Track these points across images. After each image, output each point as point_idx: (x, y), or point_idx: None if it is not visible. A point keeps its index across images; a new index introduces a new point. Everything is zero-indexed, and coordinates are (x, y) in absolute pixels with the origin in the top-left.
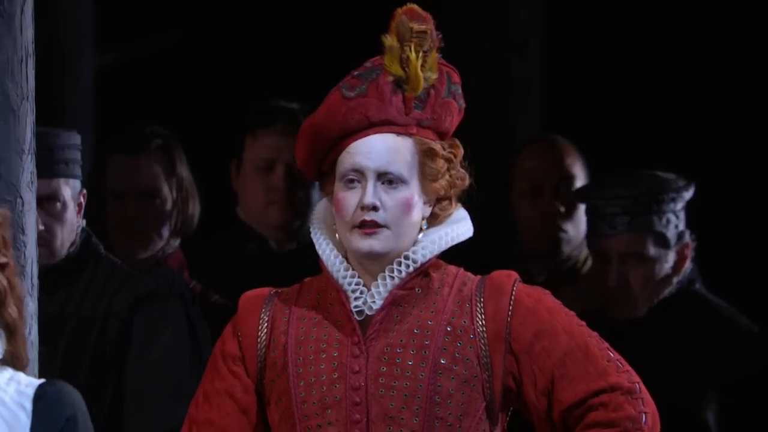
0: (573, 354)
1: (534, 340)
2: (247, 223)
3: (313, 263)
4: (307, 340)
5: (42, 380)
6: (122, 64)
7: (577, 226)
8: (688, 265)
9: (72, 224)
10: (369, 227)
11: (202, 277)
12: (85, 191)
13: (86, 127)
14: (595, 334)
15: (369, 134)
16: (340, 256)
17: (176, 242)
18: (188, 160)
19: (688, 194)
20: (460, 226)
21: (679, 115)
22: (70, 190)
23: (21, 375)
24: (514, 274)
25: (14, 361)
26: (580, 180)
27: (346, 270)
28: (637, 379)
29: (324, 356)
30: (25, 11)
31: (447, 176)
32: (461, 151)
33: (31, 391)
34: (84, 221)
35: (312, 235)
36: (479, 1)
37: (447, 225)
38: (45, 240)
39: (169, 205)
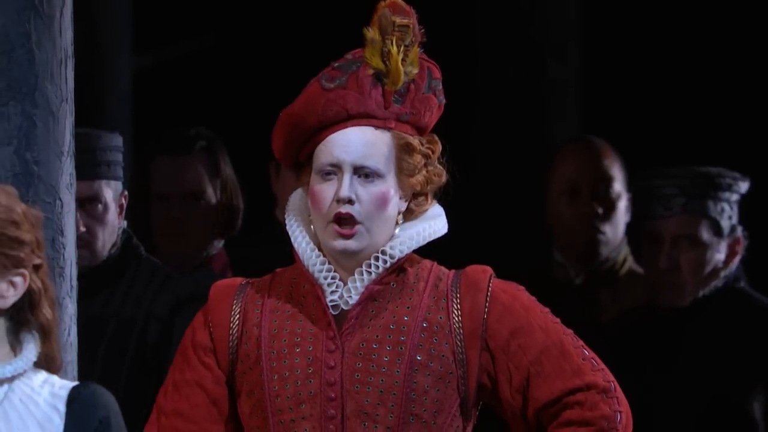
0: (549, 352)
1: (510, 337)
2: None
3: None
4: (281, 333)
5: (76, 383)
6: (160, 66)
7: (615, 227)
8: (737, 261)
9: (113, 226)
10: (345, 225)
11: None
12: (126, 193)
13: (124, 129)
14: (569, 331)
15: (347, 127)
16: (316, 249)
17: (220, 243)
18: None
19: (744, 186)
20: (436, 223)
21: (719, 117)
22: (111, 191)
23: (55, 378)
24: (489, 270)
25: (48, 363)
26: (617, 181)
27: (322, 264)
28: (611, 378)
29: (298, 350)
30: (65, 13)
31: (424, 172)
32: (439, 147)
33: (64, 394)
34: (125, 222)
35: (287, 225)
36: (516, 3)
37: (423, 221)
38: (86, 241)
39: (213, 207)
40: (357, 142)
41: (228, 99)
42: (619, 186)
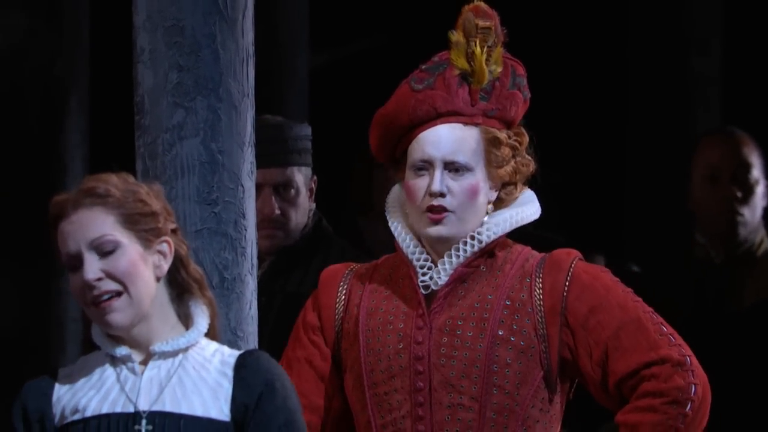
0: (626, 328)
1: (589, 314)
2: None
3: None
4: (376, 312)
5: (243, 350)
6: (335, 64)
7: (753, 210)
8: None
9: (305, 208)
10: (437, 212)
11: None
12: (315, 177)
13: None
14: (649, 309)
15: (437, 124)
16: (411, 235)
17: None
18: None
19: None
20: (526, 209)
21: None
22: (302, 176)
23: (225, 348)
24: (575, 252)
25: (212, 312)
26: (756, 168)
27: (416, 247)
28: (688, 352)
29: (391, 327)
30: (247, 16)
31: (512, 163)
32: (526, 139)
33: (232, 361)
34: (314, 205)
35: (387, 216)
36: (665, 3)
37: (513, 207)
38: (281, 223)
39: None
40: (447, 139)
41: None
42: (757, 172)
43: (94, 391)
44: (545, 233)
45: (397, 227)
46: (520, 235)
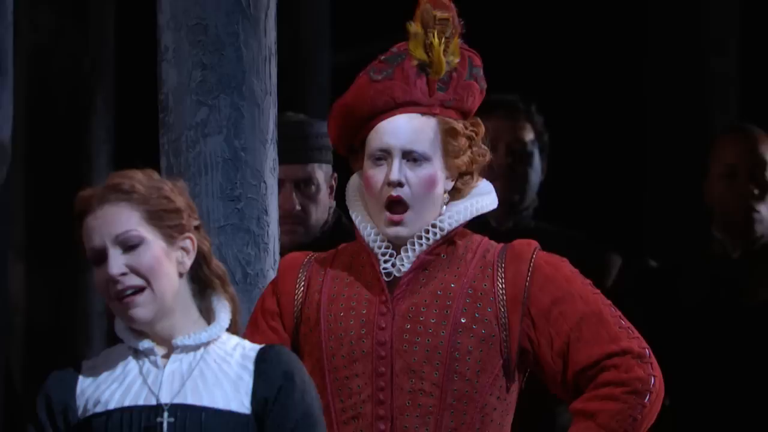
0: (588, 319)
1: (552, 305)
2: None
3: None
4: (338, 298)
5: (263, 345)
6: (356, 63)
7: None
8: None
9: (325, 205)
10: (396, 210)
11: None
12: (336, 174)
13: (322, 120)
14: (608, 302)
15: (395, 114)
16: (371, 223)
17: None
18: None
19: None
20: (484, 198)
21: None
22: (323, 173)
23: (246, 342)
24: (535, 243)
25: (234, 308)
26: None
27: (377, 235)
28: (646, 345)
29: (353, 313)
30: (269, 15)
31: (468, 153)
32: (482, 129)
33: (253, 354)
34: (334, 202)
35: (348, 205)
36: (682, 3)
37: (472, 197)
38: (301, 219)
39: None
40: (405, 129)
41: None
42: None
43: (116, 384)
44: (566, 230)
45: (358, 216)
46: (539, 232)
